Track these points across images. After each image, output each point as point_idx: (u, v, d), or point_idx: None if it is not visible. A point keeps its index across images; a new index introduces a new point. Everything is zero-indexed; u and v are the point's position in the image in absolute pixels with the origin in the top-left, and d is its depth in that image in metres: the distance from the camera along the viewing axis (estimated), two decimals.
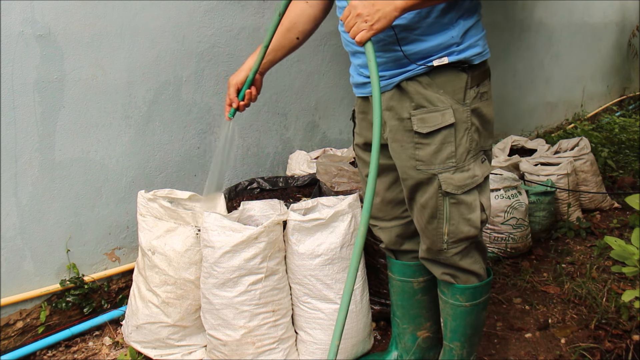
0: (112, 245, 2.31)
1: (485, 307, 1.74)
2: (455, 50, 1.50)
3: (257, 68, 1.72)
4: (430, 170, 1.54)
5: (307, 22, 1.74)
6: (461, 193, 1.55)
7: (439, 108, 1.51)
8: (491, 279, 1.72)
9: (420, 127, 1.52)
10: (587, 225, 3.17)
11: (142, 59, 2.24)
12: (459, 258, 1.63)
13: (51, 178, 2.07)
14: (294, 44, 1.77)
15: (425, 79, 1.51)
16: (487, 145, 1.61)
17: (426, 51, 1.50)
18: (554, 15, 5.06)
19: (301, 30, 1.75)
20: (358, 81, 1.69)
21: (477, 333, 1.76)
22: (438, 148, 1.53)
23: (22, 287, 2.08)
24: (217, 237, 1.80)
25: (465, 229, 1.58)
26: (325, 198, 2.02)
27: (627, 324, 2.17)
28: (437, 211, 1.58)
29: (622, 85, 6.90)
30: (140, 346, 2.02)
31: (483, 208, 1.59)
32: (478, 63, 1.53)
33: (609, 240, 1.69)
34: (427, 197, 1.58)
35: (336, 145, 3.09)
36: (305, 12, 1.73)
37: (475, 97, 1.53)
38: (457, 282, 1.67)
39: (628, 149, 4.53)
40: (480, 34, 1.55)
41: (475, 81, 1.53)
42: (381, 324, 2.26)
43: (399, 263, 1.83)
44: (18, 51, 1.92)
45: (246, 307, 1.82)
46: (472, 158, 1.55)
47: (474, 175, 1.55)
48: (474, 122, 1.54)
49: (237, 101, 1.75)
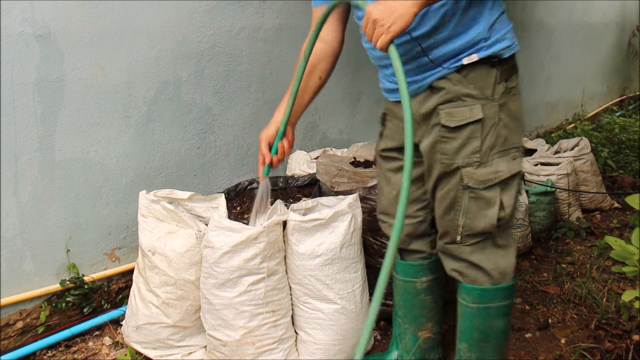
0: (112, 245, 2.31)
1: (499, 315, 1.63)
2: (483, 45, 1.49)
3: (287, 119, 1.71)
4: (454, 164, 1.54)
5: (326, 59, 1.74)
6: (482, 188, 1.53)
7: (467, 103, 1.50)
8: (506, 287, 1.61)
9: (447, 121, 1.52)
10: (587, 225, 3.17)
11: (142, 59, 2.24)
12: (470, 251, 1.59)
13: (51, 178, 2.07)
14: (318, 84, 1.76)
15: (455, 76, 1.51)
16: (517, 141, 1.57)
17: (454, 51, 1.50)
18: (554, 15, 5.06)
19: (322, 69, 1.75)
20: (389, 87, 1.69)
21: (488, 340, 1.66)
22: (464, 142, 1.52)
23: (22, 287, 2.08)
24: (216, 238, 1.80)
25: (481, 224, 1.55)
26: (325, 198, 2.02)
27: (627, 324, 2.17)
28: (456, 203, 1.57)
29: (622, 85, 6.90)
30: (140, 346, 2.02)
31: (503, 205, 1.55)
32: (507, 57, 1.52)
33: (609, 240, 1.69)
34: (448, 188, 1.57)
35: (336, 145, 3.09)
36: (323, 50, 1.73)
37: (503, 92, 1.52)
38: (464, 280, 1.63)
39: (628, 149, 4.53)
40: (508, 27, 1.54)
41: (504, 76, 1.52)
42: (381, 324, 2.26)
43: (403, 263, 1.83)
44: (18, 51, 1.92)
45: (246, 307, 1.82)
46: (497, 154, 1.53)
47: (497, 171, 1.52)
48: (502, 118, 1.52)
49: (269, 156, 1.73)
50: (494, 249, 1.60)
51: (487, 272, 1.60)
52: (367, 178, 2.14)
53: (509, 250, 1.62)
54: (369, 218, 2.12)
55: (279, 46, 2.73)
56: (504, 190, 1.55)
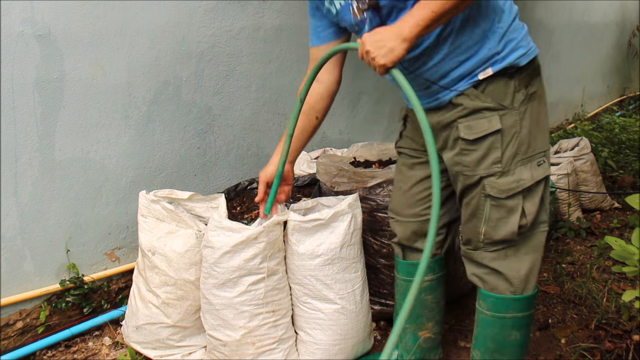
0: (112, 245, 2.31)
1: (516, 326, 1.59)
2: (497, 58, 1.47)
3: (285, 158, 1.72)
4: (476, 175, 1.53)
5: (323, 99, 1.75)
6: (505, 197, 1.51)
7: (485, 115, 1.49)
8: (522, 297, 1.56)
9: (466, 134, 1.51)
10: (587, 225, 3.17)
11: (142, 59, 2.24)
12: (492, 258, 1.58)
13: (51, 178, 2.07)
14: (314, 124, 1.77)
15: (473, 92, 1.50)
16: (542, 145, 1.54)
17: (468, 71, 1.49)
18: (554, 15, 5.06)
19: (319, 109, 1.75)
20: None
21: (502, 351, 1.62)
22: (484, 154, 1.51)
23: (22, 287, 2.08)
24: (216, 238, 1.80)
25: (501, 232, 1.54)
26: (325, 198, 2.02)
27: (627, 324, 2.17)
28: (477, 210, 1.56)
29: (622, 85, 6.90)
30: (140, 347, 2.02)
31: (524, 213, 1.52)
32: (525, 64, 1.50)
33: (609, 240, 1.68)
34: (471, 196, 1.57)
35: (336, 145, 3.09)
36: (320, 92, 1.73)
37: (524, 100, 1.50)
38: (484, 287, 1.60)
39: (628, 149, 4.52)
40: (521, 33, 1.52)
41: (523, 83, 1.50)
42: (381, 324, 2.26)
43: (405, 263, 1.83)
44: (18, 51, 1.92)
45: (246, 307, 1.82)
46: (520, 162, 1.51)
47: (519, 180, 1.50)
48: (524, 125, 1.50)
49: (266, 198, 1.77)
50: (516, 256, 1.57)
51: (508, 280, 1.56)
52: (367, 178, 2.14)
53: (533, 257, 1.57)
54: (369, 218, 2.12)
55: (279, 46, 2.73)
56: (526, 198, 1.52)
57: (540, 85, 1.56)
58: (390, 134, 3.40)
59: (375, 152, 2.49)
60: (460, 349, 2.12)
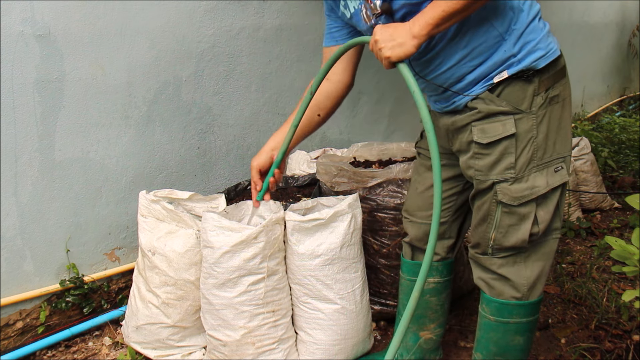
0: (112, 245, 2.31)
1: (519, 331, 1.57)
2: (513, 61, 1.43)
3: (285, 148, 1.72)
4: (489, 180, 1.50)
5: (328, 99, 1.74)
6: (517, 205, 1.48)
7: (499, 118, 1.45)
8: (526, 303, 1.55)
9: (480, 138, 1.48)
10: (587, 225, 3.17)
11: (142, 59, 2.24)
12: (500, 264, 1.55)
13: (51, 178, 2.07)
14: (316, 120, 1.76)
15: (488, 95, 1.46)
16: (562, 151, 1.49)
17: (483, 74, 1.46)
18: (554, 15, 5.05)
19: (323, 108, 1.75)
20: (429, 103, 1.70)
21: (504, 356, 1.61)
22: (497, 159, 1.47)
23: (22, 287, 2.08)
24: (216, 238, 1.79)
25: (511, 240, 1.51)
26: (325, 198, 2.02)
27: (627, 324, 2.17)
28: (489, 216, 1.54)
29: (622, 85, 6.89)
30: (140, 347, 2.02)
31: (537, 221, 1.48)
32: (546, 66, 1.44)
33: (609, 240, 1.68)
34: (483, 200, 1.54)
35: (336, 145, 3.08)
36: (328, 90, 1.73)
37: (543, 104, 1.45)
38: (490, 292, 1.58)
39: (628, 149, 4.52)
40: (540, 35, 1.46)
41: (544, 86, 1.45)
42: (381, 324, 2.26)
43: (410, 263, 1.83)
44: (18, 51, 1.92)
45: (246, 307, 1.82)
46: (535, 168, 1.47)
47: (533, 187, 1.46)
48: (541, 130, 1.45)
49: (260, 184, 1.76)
50: (526, 264, 1.54)
51: (515, 286, 1.54)
52: (367, 178, 2.14)
53: (542, 264, 1.55)
54: (369, 218, 2.12)
55: (279, 46, 2.73)
56: (540, 206, 1.49)
57: (565, 88, 1.50)
58: (390, 134, 3.40)
59: (375, 152, 2.49)
60: (460, 349, 2.12)
